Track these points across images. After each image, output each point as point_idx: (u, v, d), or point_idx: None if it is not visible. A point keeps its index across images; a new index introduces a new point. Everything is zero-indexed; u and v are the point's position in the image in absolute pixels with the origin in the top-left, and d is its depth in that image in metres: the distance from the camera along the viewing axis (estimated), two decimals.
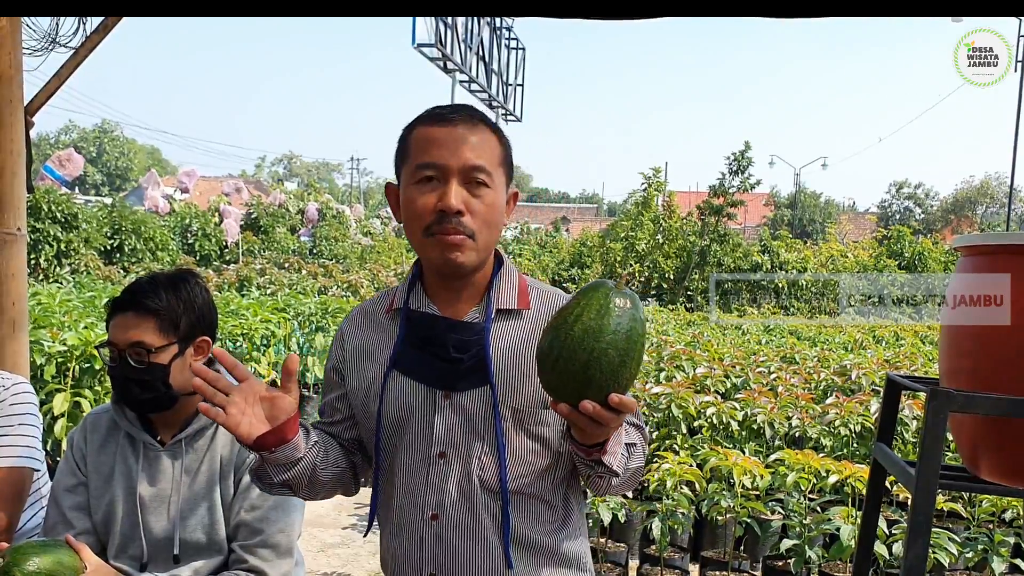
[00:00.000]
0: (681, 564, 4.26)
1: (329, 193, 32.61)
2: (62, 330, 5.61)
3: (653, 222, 20.20)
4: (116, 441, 2.14)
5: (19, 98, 2.78)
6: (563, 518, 1.65)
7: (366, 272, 15.93)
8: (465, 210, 1.52)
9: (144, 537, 2.06)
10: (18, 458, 2.21)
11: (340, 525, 5.81)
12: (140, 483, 2.08)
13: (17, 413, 2.25)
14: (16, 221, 2.79)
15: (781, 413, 5.25)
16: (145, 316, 2.00)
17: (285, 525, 2.07)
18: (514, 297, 1.63)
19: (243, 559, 2.03)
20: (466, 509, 1.56)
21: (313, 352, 8.97)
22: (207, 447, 2.10)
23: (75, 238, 16.55)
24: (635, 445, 1.54)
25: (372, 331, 1.68)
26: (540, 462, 1.58)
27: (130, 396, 2.04)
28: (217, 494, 2.07)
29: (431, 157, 1.53)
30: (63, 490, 2.14)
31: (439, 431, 1.56)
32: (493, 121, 1.62)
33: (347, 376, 1.68)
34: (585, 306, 1.32)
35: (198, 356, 2.10)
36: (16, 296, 2.81)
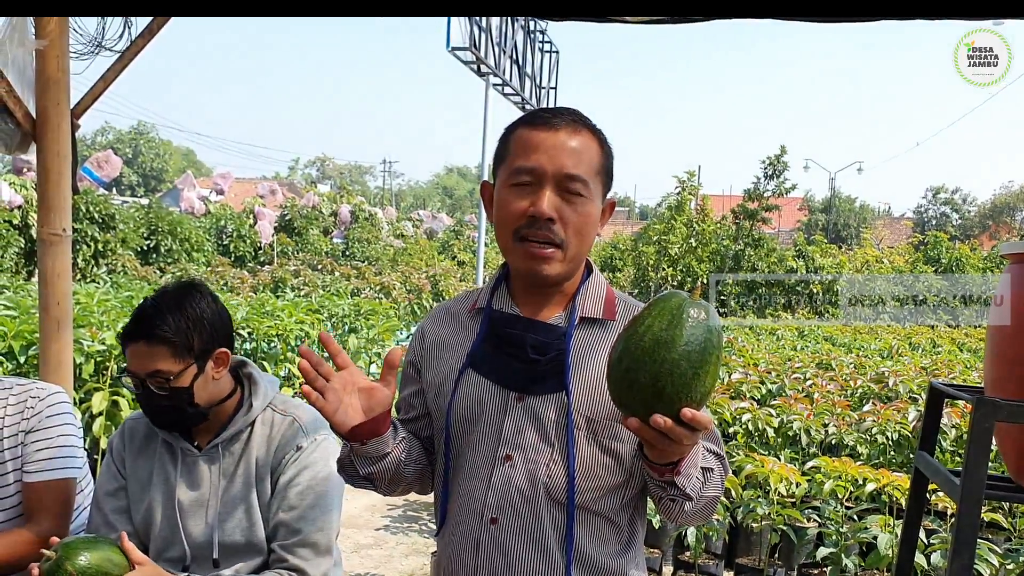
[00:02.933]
0: (715, 571, 4.24)
1: (361, 195, 32.81)
2: (101, 329, 5.69)
3: (686, 225, 20.09)
4: (154, 447, 2.16)
5: (66, 101, 2.83)
6: (628, 540, 1.59)
7: (398, 274, 15.99)
8: (557, 218, 1.50)
9: (184, 541, 2.09)
10: (62, 469, 2.24)
11: (373, 526, 5.84)
12: (179, 488, 2.10)
13: (55, 424, 2.27)
14: (62, 222, 2.84)
15: (817, 420, 5.20)
16: (157, 345, 1.98)
17: (323, 524, 2.08)
18: (600, 307, 1.59)
19: (283, 558, 2.04)
20: (528, 517, 1.51)
21: (347, 353, 9.02)
22: (242, 450, 2.12)
23: (112, 239, 16.78)
24: (712, 471, 1.47)
25: (453, 328, 1.67)
26: (611, 479, 1.53)
27: (160, 420, 2.07)
28: (254, 496, 2.09)
29: (529, 161, 1.50)
30: (105, 494, 2.17)
31: (508, 433, 1.53)
32: (598, 128, 1.58)
33: (424, 371, 1.68)
34: (656, 316, 1.27)
35: (219, 368, 2.10)
36: (61, 296, 2.85)
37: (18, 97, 2.76)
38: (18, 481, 2.25)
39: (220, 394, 2.11)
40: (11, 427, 2.25)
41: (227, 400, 2.13)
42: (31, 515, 2.22)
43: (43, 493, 2.22)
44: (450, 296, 14.13)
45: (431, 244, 30.57)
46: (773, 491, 4.02)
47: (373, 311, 9.75)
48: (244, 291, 13.39)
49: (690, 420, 1.23)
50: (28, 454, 2.24)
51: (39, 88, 2.79)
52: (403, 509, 6.27)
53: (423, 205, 56.07)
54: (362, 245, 25.72)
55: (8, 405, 2.28)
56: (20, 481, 2.24)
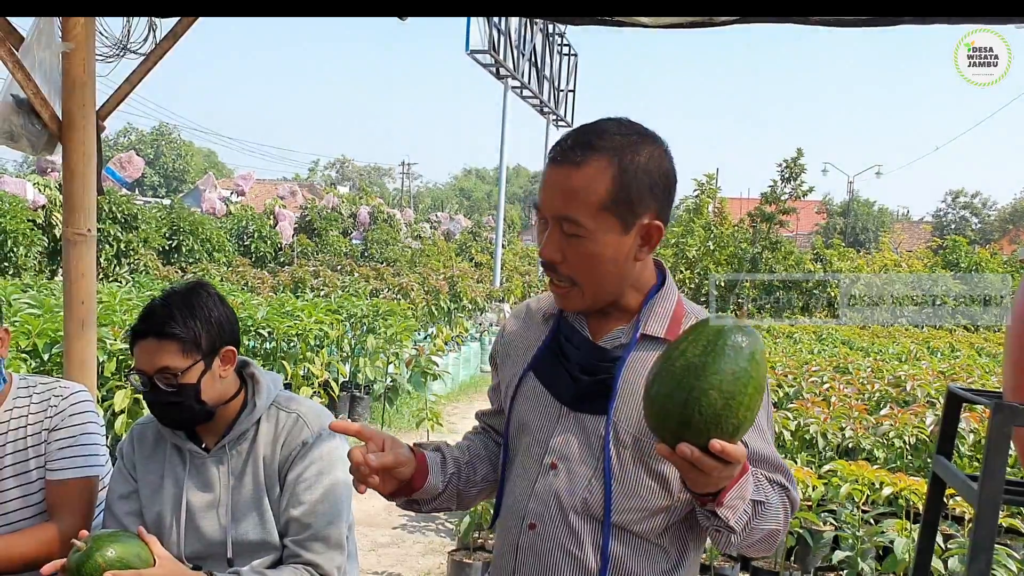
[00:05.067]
0: (731, 573, 4.24)
1: (380, 197, 32.92)
2: (123, 328, 5.75)
3: (704, 228, 20.04)
4: (163, 451, 2.19)
5: (91, 103, 2.87)
6: (675, 564, 1.53)
7: (416, 275, 16.04)
8: (560, 259, 1.47)
9: (198, 542, 2.12)
10: (85, 467, 2.27)
11: (391, 525, 5.87)
12: (189, 490, 2.13)
13: (78, 423, 2.30)
14: (87, 222, 2.87)
15: (834, 424, 5.19)
16: (166, 341, 2.01)
17: (333, 517, 2.10)
18: (664, 325, 1.52)
19: (296, 554, 2.07)
20: (565, 527, 1.51)
21: (365, 353, 9.07)
22: (249, 449, 2.14)
23: (135, 238, 16.91)
24: (766, 504, 1.41)
25: (527, 329, 1.68)
26: (655, 501, 1.49)
27: (167, 418, 2.09)
28: (265, 493, 2.11)
29: (538, 199, 1.49)
30: (117, 498, 2.20)
31: (556, 442, 1.53)
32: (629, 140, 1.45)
33: (500, 366, 1.72)
34: (692, 341, 1.23)
35: (225, 366, 2.13)
36: (85, 295, 2.89)
37: (45, 99, 2.80)
38: (41, 479, 2.28)
39: (226, 393, 2.14)
40: (35, 425, 2.29)
41: (232, 400, 2.16)
42: (54, 512, 2.25)
43: (66, 491, 2.25)
44: (467, 297, 14.16)
45: (448, 246, 30.62)
46: None
47: (391, 312, 9.79)
48: (264, 291, 13.48)
49: (719, 452, 1.19)
50: (51, 452, 2.27)
51: (65, 90, 2.83)
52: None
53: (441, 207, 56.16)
54: (380, 246, 25.81)
55: (32, 403, 2.31)
56: (44, 479, 2.28)
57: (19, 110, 2.81)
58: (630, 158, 1.43)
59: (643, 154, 1.45)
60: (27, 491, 2.28)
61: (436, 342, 10.23)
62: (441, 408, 8.32)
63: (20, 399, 2.32)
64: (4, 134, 2.82)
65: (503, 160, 18.13)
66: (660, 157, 1.47)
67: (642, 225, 1.46)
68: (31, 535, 2.19)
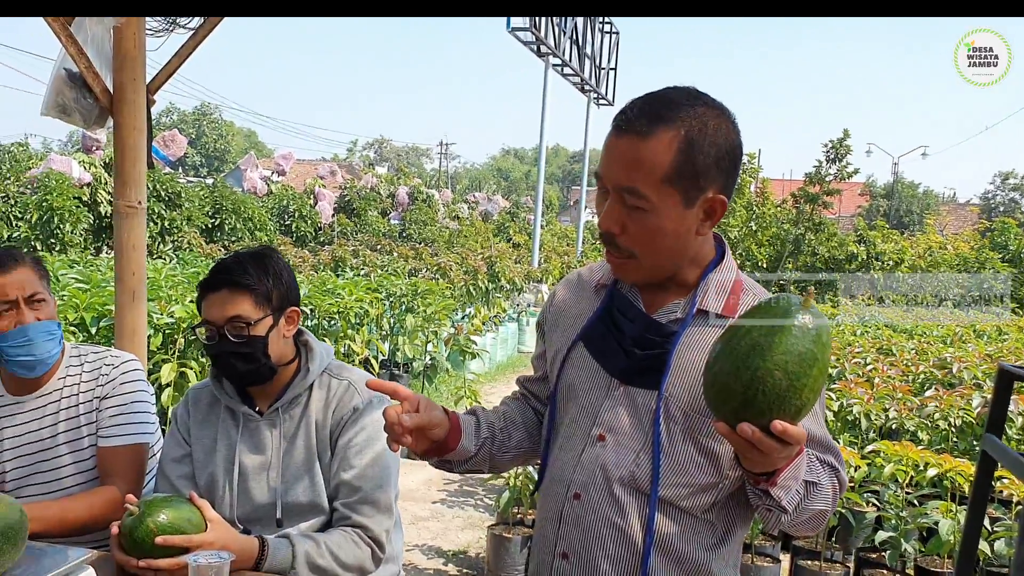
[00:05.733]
0: (772, 552, 4.23)
1: (418, 177, 33.00)
2: (169, 303, 5.85)
3: (746, 209, 19.82)
4: (217, 414, 2.24)
5: (142, 77, 2.91)
6: (721, 538, 1.52)
7: (455, 255, 16.09)
8: (619, 231, 1.44)
9: (248, 503, 2.16)
10: (135, 435, 2.32)
11: (430, 499, 5.93)
12: (242, 452, 2.17)
13: (129, 391, 2.36)
14: (137, 195, 2.92)
15: (878, 405, 5.13)
16: (240, 292, 2.07)
17: (382, 481, 2.14)
18: (721, 301, 1.49)
19: (346, 516, 2.10)
20: (611, 498, 1.50)
21: (403, 332, 9.13)
22: (302, 414, 2.18)
23: (178, 216, 17.16)
24: (818, 485, 1.40)
25: (578, 298, 1.67)
26: (703, 477, 1.47)
27: (232, 370, 2.12)
28: (315, 457, 2.15)
29: (599, 168, 1.45)
30: (170, 460, 2.25)
31: (604, 414, 1.52)
32: (696, 112, 1.40)
33: (547, 333, 1.71)
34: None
35: (289, 327, 2.18)
36: (136, 267, 2.94)
37: (97, 73, 2.85)
38: (93, 445, 2.34)
39: (286, 355, 2.18)
40: (87, 393, 2.35)
41: (289, 364, 2.20)
42: (106, 478, 2.30)
43: (117, 457, 2.31)
44: (506, 278, 14.17)
45: (486, 226, 30.64)
46: None
47: (430, 291, 9.83)
48: (305, 270, 13.59)
49: (780, 433, 1.17)
50: (103, 419, 2.33)
51: (116, 64, 2.88)
52: (459, 484, 6.35)
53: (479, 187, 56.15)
54: (418, 226, 25.91)
55: (84, 372, 2.37)
56: (95, 446, 2.34)
57: (72, 84, 2.86)
58: (697, 130, 1.39)
59: (710, 126, 1.40)
60: (79, 457, 2.34)
61: (474, 322, 10.26)
62: (479, 387, 8.37)
63: (72, 368, 2.37)
64: (57, 107, 2.87)
65: (543, 139, 18.05)
66: (727, 129, 1.43)
67: (706, 199, 1.42)
68: (84, 500, 2.24)
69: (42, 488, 2.33)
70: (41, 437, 2.33)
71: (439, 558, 4.87)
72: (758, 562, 4.07)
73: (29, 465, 2.33)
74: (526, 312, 14.14)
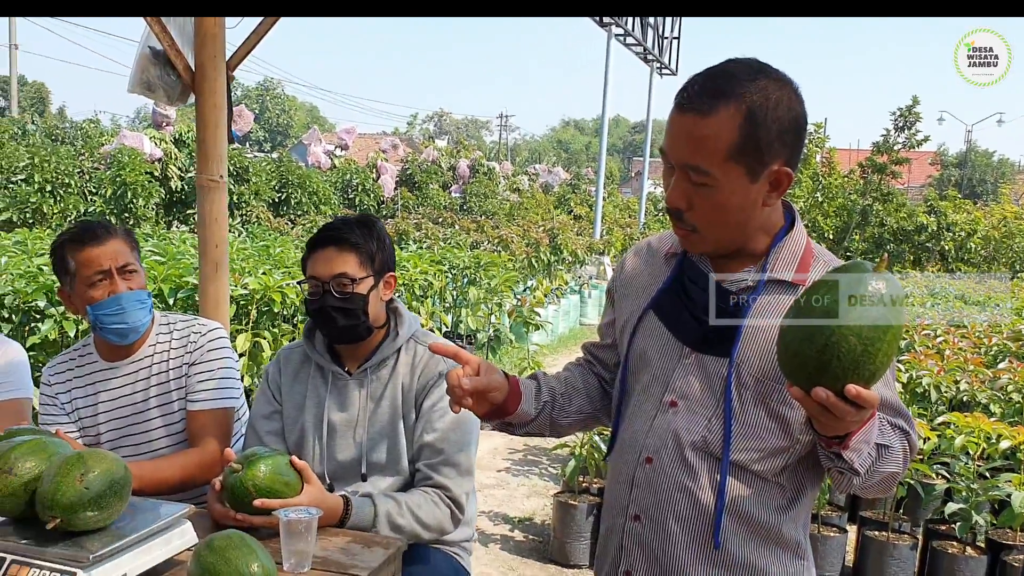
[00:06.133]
0: (839, 523, 4.23)
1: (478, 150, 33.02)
2: (242, 275, 6.00)
3: (812, 179, 19.44)
4: (307, 372, 2.34)
5: (222, 54, 3.00)
6: (790, 500, 1.55)
7: (517, 228, 16.11)
8: (686, 207, 1.47)
9: (334, 459, 2.26)
10: (223, 399, 2.44)
11: (495, 468, 6.03)
12: (330, 409, 2.27)
13: (216, 357, 2.47)
14: (219, 169, 3.02)
15: (948, 377, 5.06)
16: (347, 250, 2.18)
17: (464, 445, 2.22)
18: (791, 269, 1.51)
19: (428, 476, 2.19)
20: (682, 463, 1.53)
21: (466, 304, 9.23)
22: (389, 376, 2.27)
23: (246, 191, 17.47)
24: (889, 448, 1.42)
25: (648, 266, 1.70)
26: (775, 442, 1.50)
27: (332, 325, 2.21)
28: (400, 418, 2.24)
29: (664, 144, 1.47)
30: (260, 417, 2.36)
31: (676, 381, 1.55)
32: (757, 85, 1.40)
33: (617, 301, 1.75)
34: (832, 285, 1.22)
35: (386, 291, 2.28)
36: (218, 239, 3.05)
37: (179, 51, 2.95)
38: (183, 409, 2.46)
39: (380, 318, 2.28)
40: (176, 359, 2.46)
41: (382, 328, 2.30)
42: (195, 441, 2.42)
43: (206, 421, 2.42)
44: (568, 250, 14.17)
45: (547, 198, 30.57)
46: None
47: (492, 263, 9.91)
48: None
49: (854, 398, 1.19)
50: (192, 385, 2.44)
51: (198, 42, 2.97)
52: (524, 453, 6.44)
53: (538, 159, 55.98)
54: (479, 199, 25.98)
55: (173, 339, 2.49)
56: (185, 409, 2.45)
57: (156, 61, 2.96)
58: (759, 104, 1.39)
59: (772, 99, 1.40)
60: (170, 420, 2.46)
61: (536, 295, 10.31)
62: (542, 359, 8.44)
63: (162, 335, 2.49)
64: (142, 84, 2.98)
65: (605, 110, 17.89)
66: (790, 100, 1.42)
67: (771, 172, 1.43)
68: (175, 460, 2.36)
69: (135, 449, 2.45)
70: (133, 401, 2.46)
71: (505, 524, 4.97)
72: (824, 532, 4.08)
73: (122, 428, 2.46)
74: (588, 284, 14.14)
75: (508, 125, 74.46)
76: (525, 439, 6.77)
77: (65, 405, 2.48)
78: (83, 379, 2.49)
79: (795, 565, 1.57)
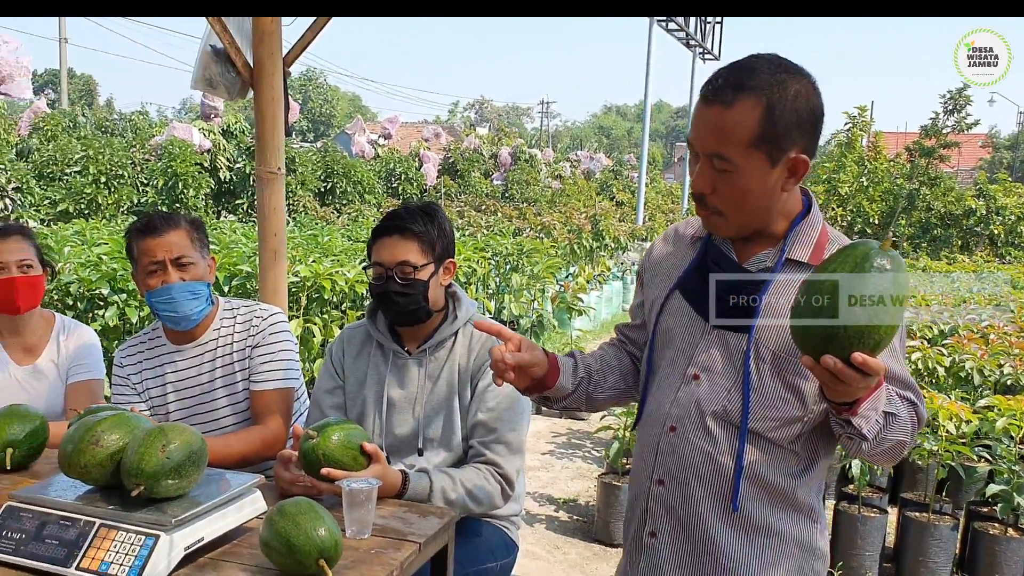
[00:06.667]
0: (879, 504, 4.27)
1: (519, 137, 33.03)
2: (293, 263, 6.17)
3: (857, 163, 19.20)
4: (368, 351, 2.47)
5: (279, 51, 3.13)
6: (805, 466, 1.67)
7: (559, 214, 16.17)
8: (711, 192, 1.58)
9: (392, 433, 2.39)
10: (284, 380, 2.58)
11: (540, 451, 6.14)
12: (390, 386, 2.40)
13: (277, 340, 2.62)
14: (276, 161, 3.16)
15: (992, 360, 5.07)
16: (409, 238, 2.30)
17: (516, 425, 2.34)
18: (808, 251, 1.62)
19: (481, 453, 2.31)
20: (704, 430, 1.65)
21: (509, 290, 9.34)
22: (447, 357, 2.39)
23: (293, 181, 17.72)
24: (897, 417, 1.51)
25: (675, 250, 1.83)
26: (789, 411, 1.61)
27: (395, 308, 2.34)
28: (456, 397, 2.36)
29: (690, 136, 1.60)
30: (324, 392, 2.50)
31: (699, 355, 1.67)
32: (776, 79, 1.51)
33: (646, 284, 1.88)
34: (841, 262, 1.33)
35: (446, 276, 2.40)
36: (276, 228, 3.19)
37: (239, 48, 3.09)
38: (246, 389, 2.60)
39: (440, 302, 2.40)
40: (239, 343, 2.61)
41: (441, 311, 2.42)
42: (259, 419, 2.57)
43: (268, 400, 2.57)
44: (610, 236, 14.21)
45: (589, 185, 30.52)
46: (942, 428, 4.00)
47: (535, 250, 10.00)
48: None
49: (860, 365, 1.29)
50: (254, 366, 2.59)
51: (256, 40, 3.11)
52: (567, 437, 6.55)
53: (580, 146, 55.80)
54: (521, 186, 26.04)
55: (236, 324, 2.63)
56: (248, 389, 2.60)
57: (217, 59, 3.11)
58: (778, 96, 1.50)
59: (791, 91, 1.51)
60: (235, 400, 2.61)
61: (579, 281, 10.38)
62: (584, 343, 8.52)
63: (226, 319, 2.64)
64: (204, 81, 3.13)
65: (648, 96, 17.87)
66: (808, 92, 1.53)
67: (789, 159, 1.54)
68: (241, 437, 2.51)
69: (202, 427, 2.59)
70: (200, 382, 2.61)
71: (550, 505, 5.08)
72: (865, 513, 4.13)
73: (190, 407, 2.62)
74: (630, 270, 14.17)
75: (549, 112, 74.27)
76: (568, 423, 6.89)
77: (136, 386, 2.64)
78: (152, 361, 2.64)
79: (808, 527, 1.70)
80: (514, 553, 2.52)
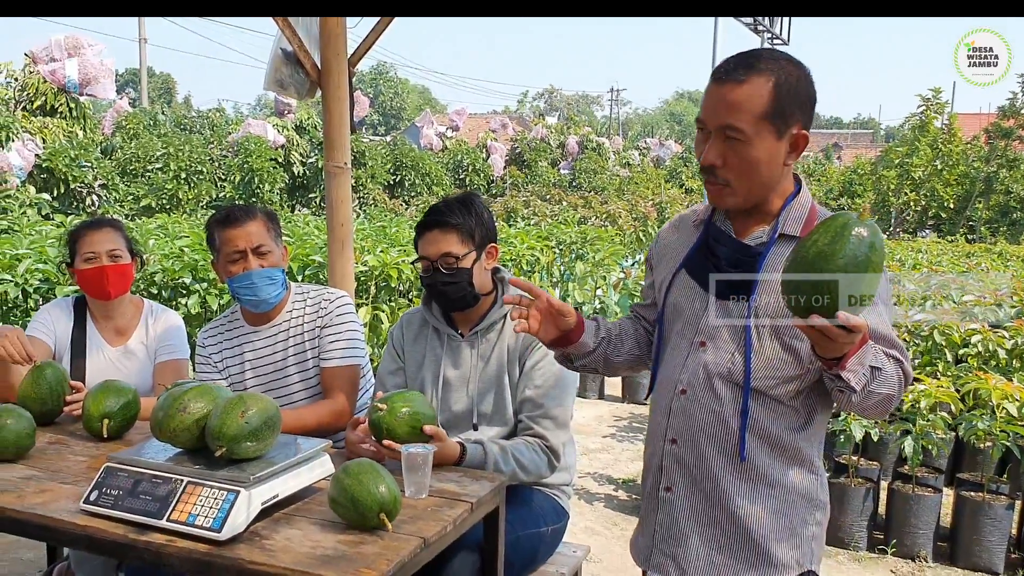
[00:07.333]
0: (935, 484, 4.30)
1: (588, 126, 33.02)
2: (362, 253, 6.42)
3: (931, 147, 18.75)
4: (426, 335, 2.67)
5: (344, 52, 3.33)
6: (804, 421, 1.82)
7: (624, 203, 16.21)
8: (720, 164, 1.74)
9: (448, 410, 2.58)
10: (350, 357, 2.80)
11: (601, 434, 6.29)
12: (445, 367, 2.59)
13: (344, 322, 2.83)
14: (343, 156, 3.37)
15: None
16: (448, 231, 2.49)
17: (561, 401, 2.51)
18: (799, 225, 1.80)
19: (529, 427, 2.49)
20: (710, 392, 1.82)
21: (573, 278, 9.48)
22: (497, 338, 2.57)
23: (363, 174, 18.11)
24: (883, 371, 1.63)
25: (680, 234, 2.02)
26: (788, 370, 1.77)
27: (444, 296, 2.53)
28: (505, 375, 2.54)
29: (701, 113, 1.77)
30: (387, 373, 2.70)
31: (705, 325, 1.84)
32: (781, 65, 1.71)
33: (654, 267, 2.06)
34: (822, 232, 1.46)
35: (489, 260, 2.58)
36: (343, 219, 3.40)
37: (307, 50, 3.29)
38: (316, 366, 2.82)
39: (486, 286, 2.58)
40: (310, 324, 2.82)
41: (489, 295, 2.60)
42: (328, 393, 2.78)
43: (337, 376, 2.77)
44: None
45: (658, 172, 30.37)
46: (998, 408, 4.02)
47: (599, 238, 10.11)
48: None
49: (843, 321, 1.43)
50: (324, 345, 2.80)
51: (323, 42, 3.30)
52: (628, 421, 6.68)
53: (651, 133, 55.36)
54: (588, 175, 26.07)
55: (307, 306, 2.85)
56: (318, 366, 2.81)
57: (287, 61, 3.32)
58: (784, 77, 1.70)
59: (794, 76, 1.72)
60: (306, 376, 2.83)
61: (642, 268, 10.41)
62: None
63: (297, 303, 2.85)
64: (276, 83, 3.35)
65: None
66: (806, 79, 1.73)
67: (792, 134, 1.73)
68: (314, 409, 2.72)
69: (276, 402, 2.81)
70: (274, 360, 2.83)
71: (609, 484, 5.23)
72: (919, 491, 4.18)
73: (266, 383, 2.84)
74: None
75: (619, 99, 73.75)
76: (630, 407, 7.01)
77: (217, 364, 2.88)
78: (231, 341, 2.87)
79: (810, 478, 1.86)
80: (564, 519, 2.69)
